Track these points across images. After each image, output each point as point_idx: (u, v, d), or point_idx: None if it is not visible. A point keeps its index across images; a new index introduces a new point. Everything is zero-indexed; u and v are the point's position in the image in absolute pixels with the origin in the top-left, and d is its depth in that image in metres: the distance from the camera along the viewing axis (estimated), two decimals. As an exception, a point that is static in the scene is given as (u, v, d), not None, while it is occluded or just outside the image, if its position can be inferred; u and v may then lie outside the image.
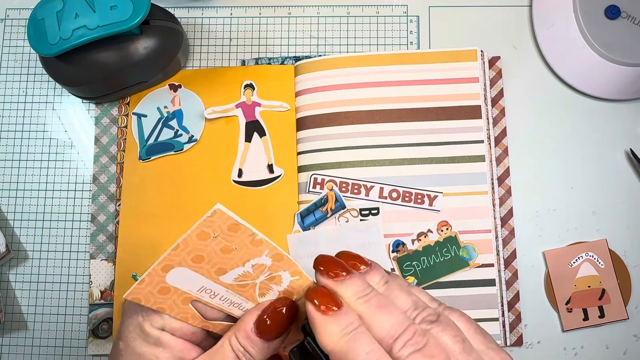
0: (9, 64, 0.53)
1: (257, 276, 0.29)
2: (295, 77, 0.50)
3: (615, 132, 0.49)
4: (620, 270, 0.47)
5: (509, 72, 0.50)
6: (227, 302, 0.30)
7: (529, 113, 0.50)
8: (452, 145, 0.47)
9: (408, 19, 0.52)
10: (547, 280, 0.47)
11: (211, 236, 0.26)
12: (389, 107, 0.48)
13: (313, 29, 0.52)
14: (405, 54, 0.49)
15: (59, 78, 0.48)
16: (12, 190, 0.50)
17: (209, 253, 0.27)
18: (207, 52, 0.52)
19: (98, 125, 0.51)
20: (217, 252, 0.27)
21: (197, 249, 0.27)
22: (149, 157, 0.49)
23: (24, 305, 0.49)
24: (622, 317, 0.46)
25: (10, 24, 0.53)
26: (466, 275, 0.46)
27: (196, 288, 0.28)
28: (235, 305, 0.30)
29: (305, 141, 0.48)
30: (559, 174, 0.49)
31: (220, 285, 0.29)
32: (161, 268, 0.27)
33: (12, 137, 0.51)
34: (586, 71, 0.49)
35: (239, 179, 0.49)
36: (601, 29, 0.47)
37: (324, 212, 0.47)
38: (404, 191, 0.47)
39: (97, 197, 0.49)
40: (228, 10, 0.53)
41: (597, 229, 0.48)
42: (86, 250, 0.49)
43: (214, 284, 0.29)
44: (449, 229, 0.46)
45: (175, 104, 0.50)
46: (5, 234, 0.49)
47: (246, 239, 0.27)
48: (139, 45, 0.46)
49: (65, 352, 0.48)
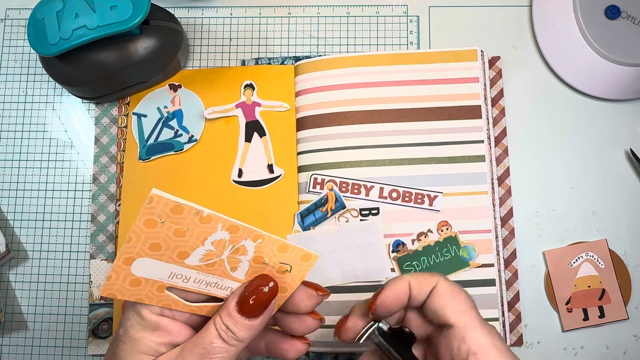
0: (9, 64, 0.53)
1: (221, 252, 0.29)
2: (295, 77, 0.50)
3: (615, 132, 0.49)
4: (620, 270, 0.47)
5: (509, 72, 0.50)
6: (202, 284, 0.30)
7: (529, 113, 0.50)
8: (452, 145, 0.47)
9: (408, 19, 0.52)
10: (547, 280, 0.47)
11: (158, 222, 0.27)
12: (388, 107, 0.48)
13: (313, 29, 0.52)
14: (405, 54, 0.49)
15: (59, 78, 0.48)
16: (12, 190, 0.50)
17: (163, 239, 0.27)
18: (207, 52, 0.52)
19: (98, 125, 0.51)
20: (172, 237, 0.28)
21: (150, 238, 0.27)
22: (149, 157, 0.49)
23: (24, 305, 0.49)
24: (622, 317, 0.46)
25: (10, 24, 0.53)
26: (466, 275, 0.46)
27: (166, 275, 0.29)
28: (212, 285, 0.30)
29: (305, 141, 0.48)
30: (559, 174, 0.49)
31: (188, 269, 0.29)
32: (122, 262, 0.28)
33: (12, 137, 0.51)
34: (586, 71, 0.49)
35: (239, 179, 0.49)
36: (601, 29, 0.47)
37: (324, 212, 0.47)
38: (404, 191, 0.47)
39: (97, 197, 0.49)
40: (228, 10, 0.53)
41: (597, 229, 0.48)
42: (86, 250, 0.49)
43: (181, 268, 0.29)
44: (449, 229, 0.46)
45: (175, 104, 0.50)
46: (5, 234, 0.49)
47: (194, 218, 0.27)
48: (139, 45, 0.46)
49: (65, 352, 0.48)
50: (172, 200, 0.26)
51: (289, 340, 0.34)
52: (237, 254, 0.29)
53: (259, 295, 0.30)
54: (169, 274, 0.29)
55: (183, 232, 0.27)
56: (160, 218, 0.27)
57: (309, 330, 0.34)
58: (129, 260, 0.28)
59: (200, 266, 0.29)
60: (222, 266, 0.30)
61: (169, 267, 0.29)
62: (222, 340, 0.29)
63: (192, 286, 0.30)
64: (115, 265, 0.28)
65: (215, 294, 0.31)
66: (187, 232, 0.27)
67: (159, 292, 0.29)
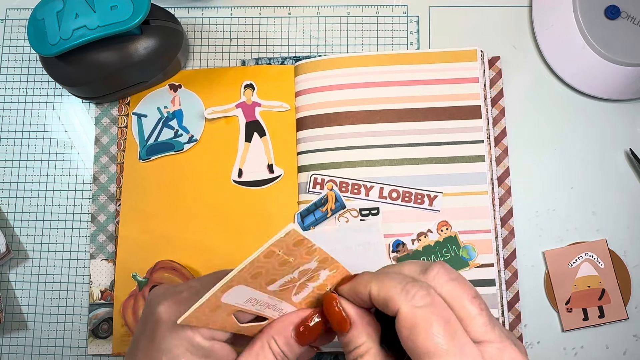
0: (9, 64, 0.53)
1: (299, 279, 0.28)
2: (295, 77, 0.50)
3: (615, 132, 0.49)
4: (620, 270, 0.47)
5: (509, 72, 0.50)
6: (264, 306, 0.29)
7: (529, 113, 0.50)
8: (452, 145, 0.47)
9: (408, 19, 0.52)
10: (547, 280, 0.47)
11: (276, 253, 0.25)
12: (389, 107, 0.48)
13: (313, 29, 0.52)
14: (405, 54, 0.49)
15: (59, 78, 0.48)
16: (12, 190, 0.50)
17: (267, 269, 0.26)
18: (207, 52, 0.52)
19: (98, 125, 0.51)
20: (275, 267, 0.26)
21: (259, 267, 0.25)
22: (149, 157, 0.49)
23: (24, 305, 0.49)
24: (622, 317, 0.46)
25: (10, 24, 0.53)
26: (466, 275, 0.46)
27: (243, 300, 0.27)
28: (270, 307, 0.29)
29: (305, 141, 0.48)
30: (559, 174, 0.49)
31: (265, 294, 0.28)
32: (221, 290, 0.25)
33: (12, 137, 0.51)
34: (586, 71, 0.49)
35: (239, 179, 0.49)
36: (601, 29, 0.47)
37: (324, 212, 0.47)
38: (404, 191, 0.47)
39: (97, 197, 0.49)
40: (228, 10, 0.53)
41: (597, 229, 0.48)
42: (86, 250, 0.49)
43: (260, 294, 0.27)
44: (449, 229, 0.46)
45: (175, 104, 0.50)
46: (5, 234, 0.49)
47: (303, 250, 0.26)
48: (139, 45, 0.46)
49: (65, 352, 0.48)
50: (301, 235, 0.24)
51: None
52: (309, 281, 0.29)
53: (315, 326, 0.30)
54: (246, 299, 0.27)
55: (287, 262, 0.26)
56: (280, 249, 0.25)
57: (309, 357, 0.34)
58: (226, 288, 0.25)
59: (275, 291, 0.28)
60: (291, 291, 0.29)
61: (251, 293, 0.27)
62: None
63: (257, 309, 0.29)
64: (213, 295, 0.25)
65: (267, 314, 0.30)
66: (289, 262, 0.26)
67: (228, 316, 0.28)
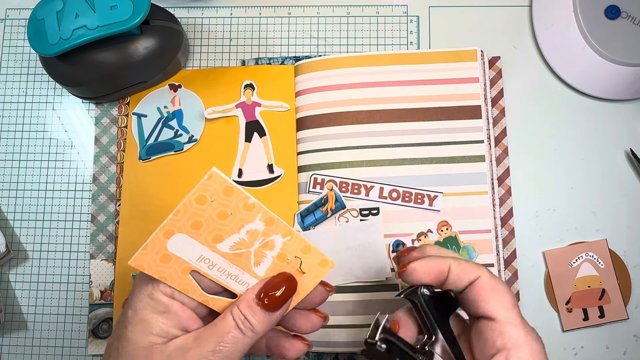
0: (9, 64, 0.53)
1: (251, 244, 0.30)
2: (295, 77, 0.50)
3: (615, 132, 0.49)
4: (620, 270, 0.47)
5: (509, 72, 0.50)
6: (224, 275, 0.31)
7: (529, 113, 0.50)
8: (452, 145, 0.47)
9: (408, 19, 0.52)
10: (547, 280, 0.47)
11: (208, 200, 0.28)
12: (388, 107, 0.48)
13: (313, 29, 0.52)
14: (405, 54, 0.49)
15: (59, 78, 0.48)
16: (12, 190, 0.50)
17: (206, 219, 0.28)
18: (207, 52, 0.52)
19: (98, 125, 0.51)
20: (214, 218, 0.29)
21: (195, 214, 0.28)
22: (149, 157, 0.49)
23: (24, 305, 0.49)
24: (622, 317, 0.46)
25: (10, 24, 0.53)
26: (466, 275, 0.46)
27: (195, 257, 0.30)
28: (232, 277, 0.31)
29: (305, 141, 0.48)
30: (559, 174, 0.49)
31: (217, 255, 0.30)
32: (163, 234, 0.29)
33: (12, 137, 0.51)
34: (586, 71, 0.49)
35: (239, 179, 0.49)
36: (601, 29, 0.47)
37: (324, 212, 0.47)
38: (404, 191, 0.47)
39: (97, 197, 0.49)
40: (228, 10, 0.53)
41: (597, 229, 0.48)
42: (86, 250, 0.49)
43: (211, 253, 0.30)
44: (449, 229, 0.46)
45: (175, 104, 0.50)
46: (5, 234, 0.49)
47: (240, 203, 0.28)
48: (139, 45, 0.46)
49: (65, 352, 0.48)
50: (227, 181, 0.28)
51: (290, 339, 0.35)
52: (264, 248, 0.30)
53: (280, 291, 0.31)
54: (198, 257, 0.30)
55: (225, 215, 0.29)
56: (211, 197, 0.28)
57: (314, 328, 0.34)
58: (169, 234, 0.29)
59: (228, 254, 0.30)
60: (248, 258, 0.31)
61: (200, 249, 0.29)
62: (239, 331, 0.30)
63: (214, 274, 0.31)
64: (155, 236, 0.28)
65: (232, 287, 0.31)
66: (230, 216, 0.29)
67: (183, 274, 0.30)
